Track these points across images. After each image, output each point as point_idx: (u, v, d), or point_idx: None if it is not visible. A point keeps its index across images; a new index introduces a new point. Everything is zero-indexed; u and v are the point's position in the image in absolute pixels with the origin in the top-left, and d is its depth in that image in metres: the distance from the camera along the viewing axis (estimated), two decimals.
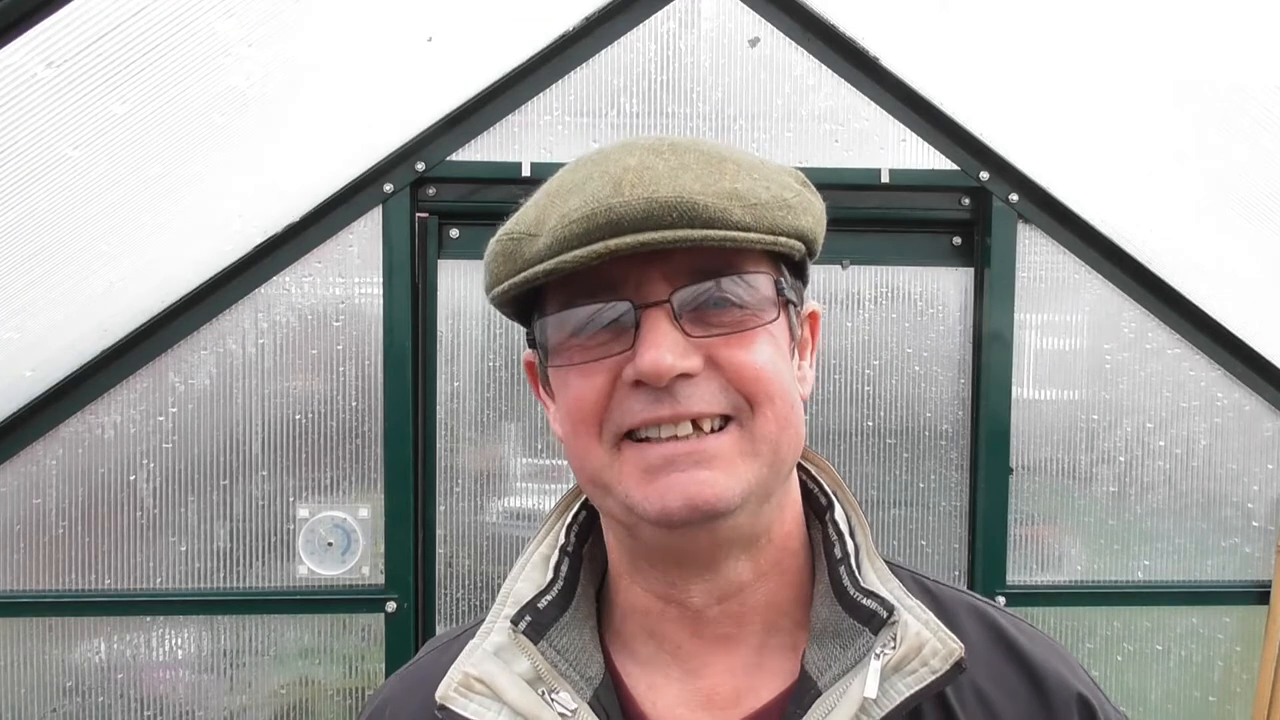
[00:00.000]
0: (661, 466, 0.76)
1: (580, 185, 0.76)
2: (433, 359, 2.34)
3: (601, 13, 2.26)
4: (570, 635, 0.84)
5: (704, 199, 0.73)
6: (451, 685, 0.83)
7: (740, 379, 0.77)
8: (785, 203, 0.79)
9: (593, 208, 0.73)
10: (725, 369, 0.77)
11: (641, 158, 0.77)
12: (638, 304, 0.76)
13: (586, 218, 0.73)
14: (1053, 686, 0.85)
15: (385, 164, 2.26)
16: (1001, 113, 2.31)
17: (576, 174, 0.79)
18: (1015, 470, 2.41)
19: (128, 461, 2.26)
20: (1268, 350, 2.44)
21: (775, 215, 0.77)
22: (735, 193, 0.75)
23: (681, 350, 0.75)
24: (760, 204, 0.76)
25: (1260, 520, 2.49)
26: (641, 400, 0.76)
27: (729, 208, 0.74)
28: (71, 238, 1.88)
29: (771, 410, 0.78)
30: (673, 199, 0.73)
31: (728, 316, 0.77)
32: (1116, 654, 2.46)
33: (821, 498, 0.90)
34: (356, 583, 2.30)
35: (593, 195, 0.74)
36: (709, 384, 0.76)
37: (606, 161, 0.78)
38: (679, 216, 0.72)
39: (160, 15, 1.53)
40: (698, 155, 0.78)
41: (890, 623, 0.80)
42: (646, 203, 0.72)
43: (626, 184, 0.74)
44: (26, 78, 1.47)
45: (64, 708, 2.25)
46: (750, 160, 0.81)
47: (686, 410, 0.76)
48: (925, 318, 2.42)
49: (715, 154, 0.79)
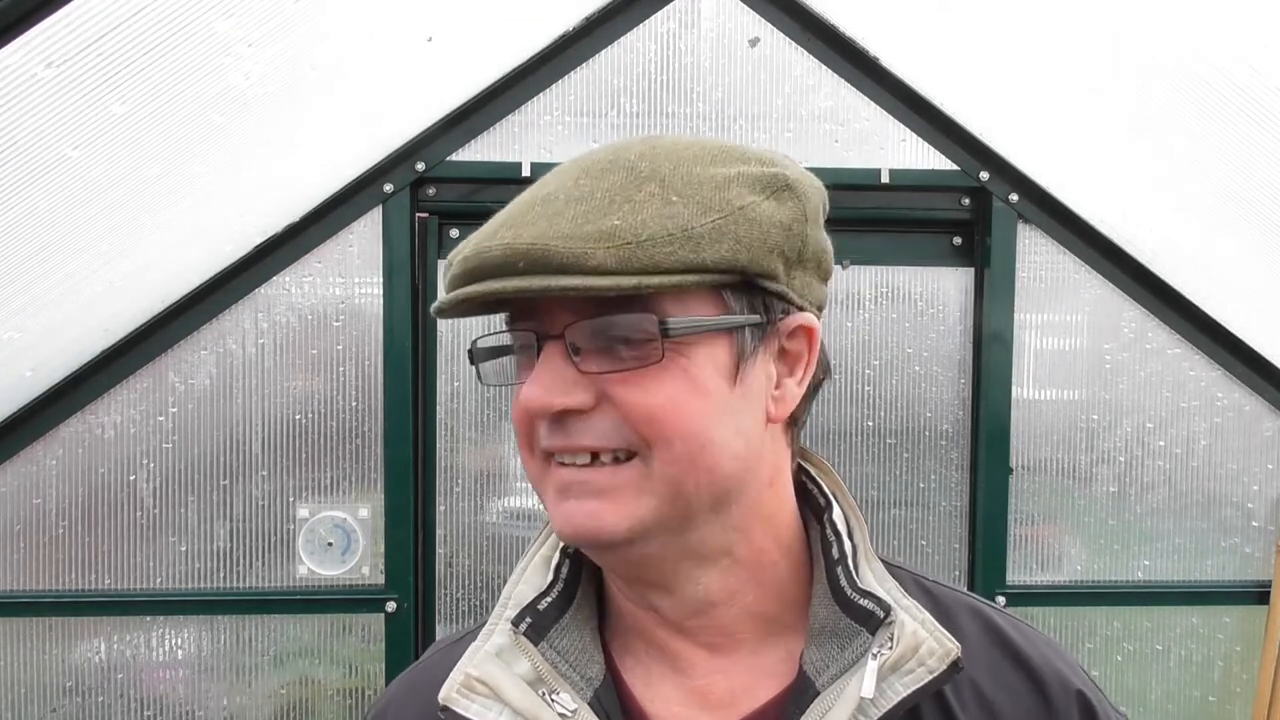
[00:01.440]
0: (564, 490, 0.78)
1: (501, 214, 0.79)
2: (433, 359, 2.34)
3: (601, 13, 2.26)
4: (570, 636, 0.84)
5: (560, 244, 0.72)
6: (454, 686, 0.83)
7: (633, 419, 0.76)
8: (687, 234, 0.74)
9: (474, 248, 0.76)
10: (620, 408, 0.76)
11: (558, 185, 0.78)
12: (541, 335, 0.78)
13: (464, 259, 0.76)
14: (1052, 685, 0.85)
15: (385, 164, 2.26)
16: (1001, 113, 2.31)
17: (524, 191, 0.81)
18: (1015, 470, 2.41)
19: (128, 461, 2.26)
20: (1268, 350, 2.44)
21: (659, 252, 0.73)
22: (610, 232, 0.73)
23: (564, 386, 0.76)
24: (637, 242, 0.73)
25: (1260, 520, 2.49)
26: (545, 427, 0.79)
27: (590, 251, 0.72)
28: (71, 238, 1.88)
29: (669, 453, 0.76)
30: (525, 246, 0.73)
31: (617, 355, 0.76)
32: (1116, 654, 2.46)
33: (820, 499, 0.89)
34: (356, 583, 2.30)
35: (483, 233, 0.77)
36: (603, 420, 0.77)
37: (542, 184, 0.80)
38: (529, 264, 0.73)
39: (160, 15, 1.53)
40: (621, 177, 0.76)
41: (887, 622, 0.80)
42: (505, 250, 0.74)
43: (506, 225, 0.76)
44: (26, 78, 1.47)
45: (64, 708, 2.25)
46: (691, 175, 0.77)
47: (578, 444, 0.77)
48: (925, 318, 2.42)
49: (646, 171, 0.77)
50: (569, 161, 0.82)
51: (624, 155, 0.79)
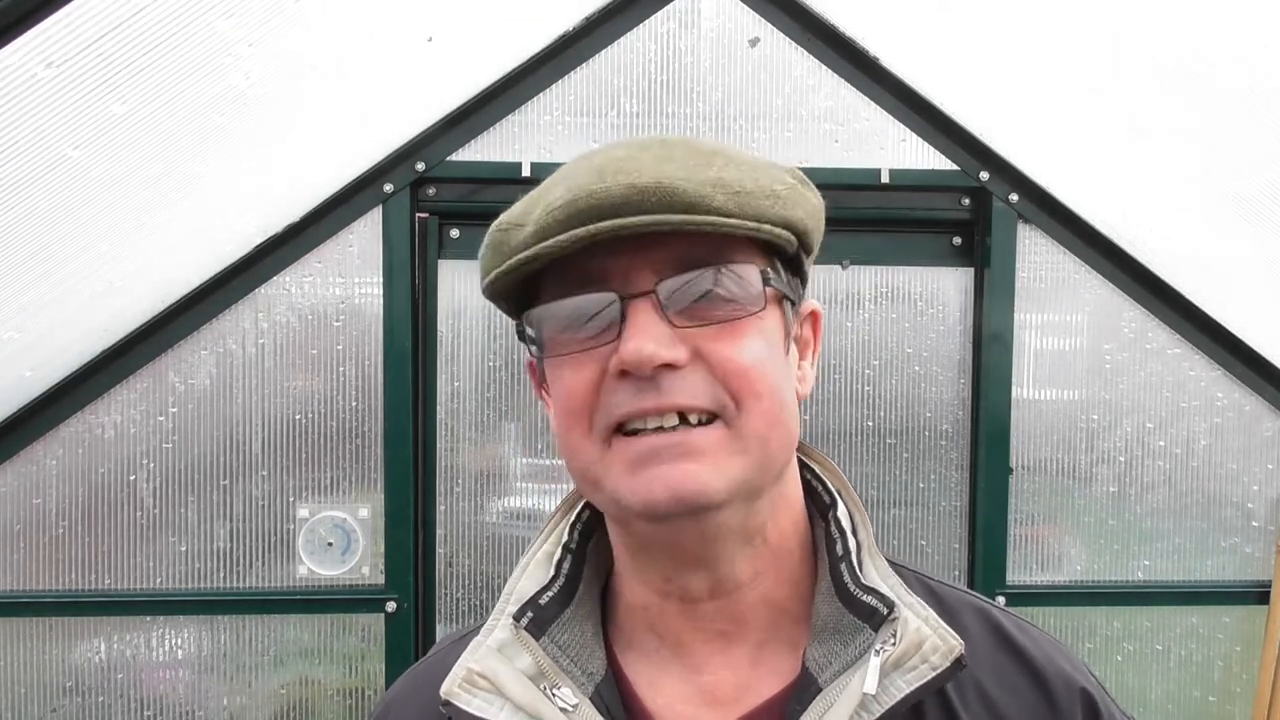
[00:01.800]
0: (647, 458, 0.76)
1: (567, 177, 0.77)
2: (433, 359, 2.34)
3: (601, 13, 2.26)
4: (572, 631, 0.84)
5: (685, 184, 0.74)
6: (455, 681, 0.83)
7: (726, 373, 0.76)
8: (774, 193, 0.78)
9: (574, 194, 0.74)
10: (712, 362, 0.76)
11: (629, 150, 0.77)
12: (624, 295, 0.76)
13: (568, 204, 0.74)
14: (1056, 683, 0.85)
15: (385, 164, 2.26)
16: (1001, 113, 2.31)
17: (567, 168, 0.80)
18: (1015, 470, 2.41)
19: (128, 461, 2.26)
20: (1268, 350, 2.44)
21: (761, 204, 0.77)
22: (720, 180, 0.75)
23: (666, 340, 0.75)
24: (745, 192, 0.76)
25: (1260, 520, 2.49)
26: (627, 391, 0.76)
27: (711, 194, 0.74)
28: (71, 238, 1.88)
29: (759, 407, 0.77)
30: (652, 184, 0.73)
31: (715, 309, 0.77)
32: (1116, 654, 2.46)
33: (825, 495, 0.89)
34: (356, 583, 2.30)
35: (576, 184, 0.75)
36: (694, 376, 0.76)
37: (594, 155, 0.79)
38: (658, 201, 0.73)
39: (160, 15, 1.53)
40: (686, 148, 0.78)
41: (890, 619, 0.80)
42: (626, 188, 0.73)
43: (609, 172, 0.74)
44: (26, 78, 1.47)
45: (64, 708, 2.25)
46: (741, 155, 0.81)
47: (671, 402, 0.75)
48: (925, 318, 2.42)
49: (705, 147, 0.80)
50: (608, 143, 0.82)
51: (666, 137, 0.81)
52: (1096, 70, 2.10)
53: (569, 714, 0.80)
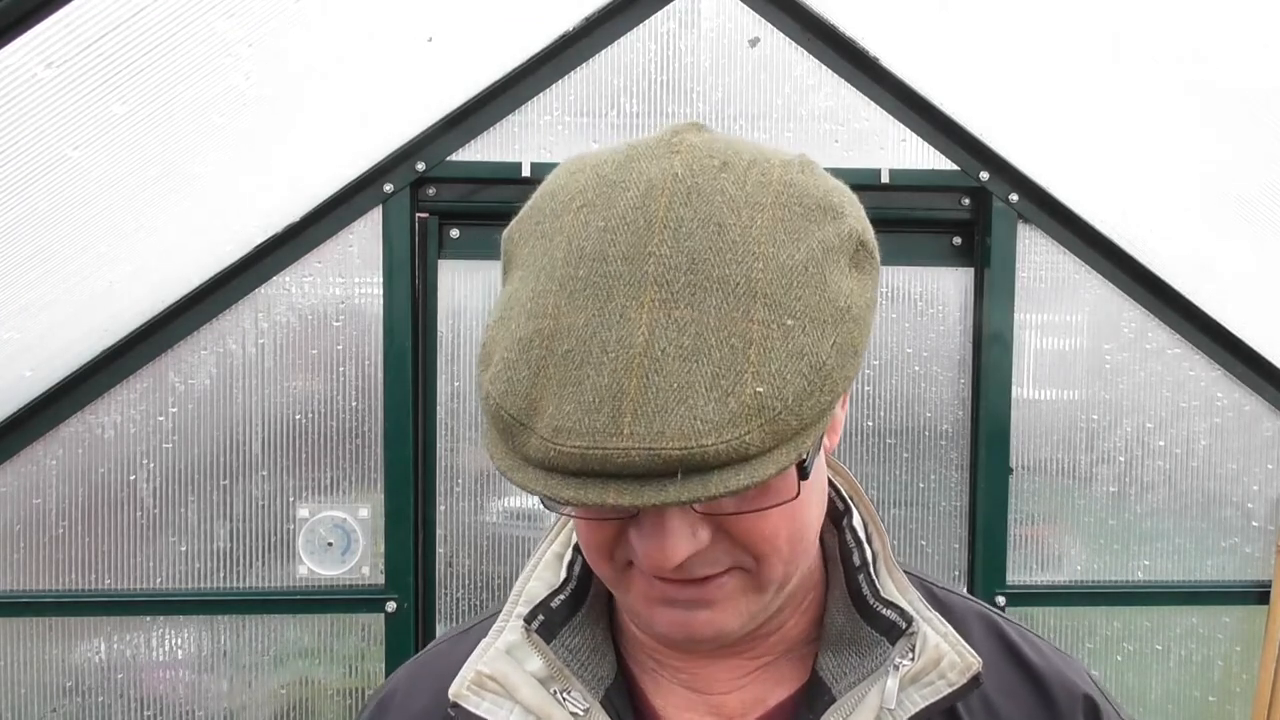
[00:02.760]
0: (666, 601, 0.74)
1: (577, 363, 0.64)
2: (433, 359, 2.34)
3: (601, 13, 2.26)
4: (583, 634, 0.84)
5: (715, 444, 0.62)
6: (464, 683, 0.82)
7: (750, 544, 0.71)
8: (822, 374, 0.65)
9: (587, 447, 0.62)
10: (734, 535, 0.71)
11: (652, 317, 0.64)
12: None
13: (581, 458, 0.63)
14: (1058, 693, 0.85)
15: (385, 164, 2.26)
16: (1001, 113, 2.31)
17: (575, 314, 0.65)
18: (1015, 470, 2.41)
19: (128, 461, 2.26)
20: (1268, 350, 2.44)
21: (804, 409, 0.64)
22: (757, 404, 0.62)
23: (689, 533, 0.69)
24: (786, 407, 0.63)
25: (1260, 520, 2.49)
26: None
27: (745, 441, 0.62)
28: (71, 238, 1.88)
29: (779, 559, 0.73)
30: (679, 455, 0.61)
31: (744, 503, 0.69)
32: (1116, 654, 2.46)
33: (839, 503, 0.88)
34: (356, 583, 2.30)
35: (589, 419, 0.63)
36: (716, 548, 0.71)
37: (611, 299, 0.65)
38: (686, 472, 0.62)
39: (160, 15, 1.53)
40: (719, 304, 0.64)
41: (909, 633, 0.80)
42: (648, 458, 0.62)
43: (628, 406, 0.62)
44: (26, 78, 1.48)
45: (64, 708, 2.25)
46: (783, 276, 0.66)
47: (692, 575, 0.71)
48: (925, 318, 2.42)
49: (738, 288, 0.65)
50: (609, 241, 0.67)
51: (690, 242, 0.66)
52: (1096, 70, 2.10)
53: (580, 718, 0.80)
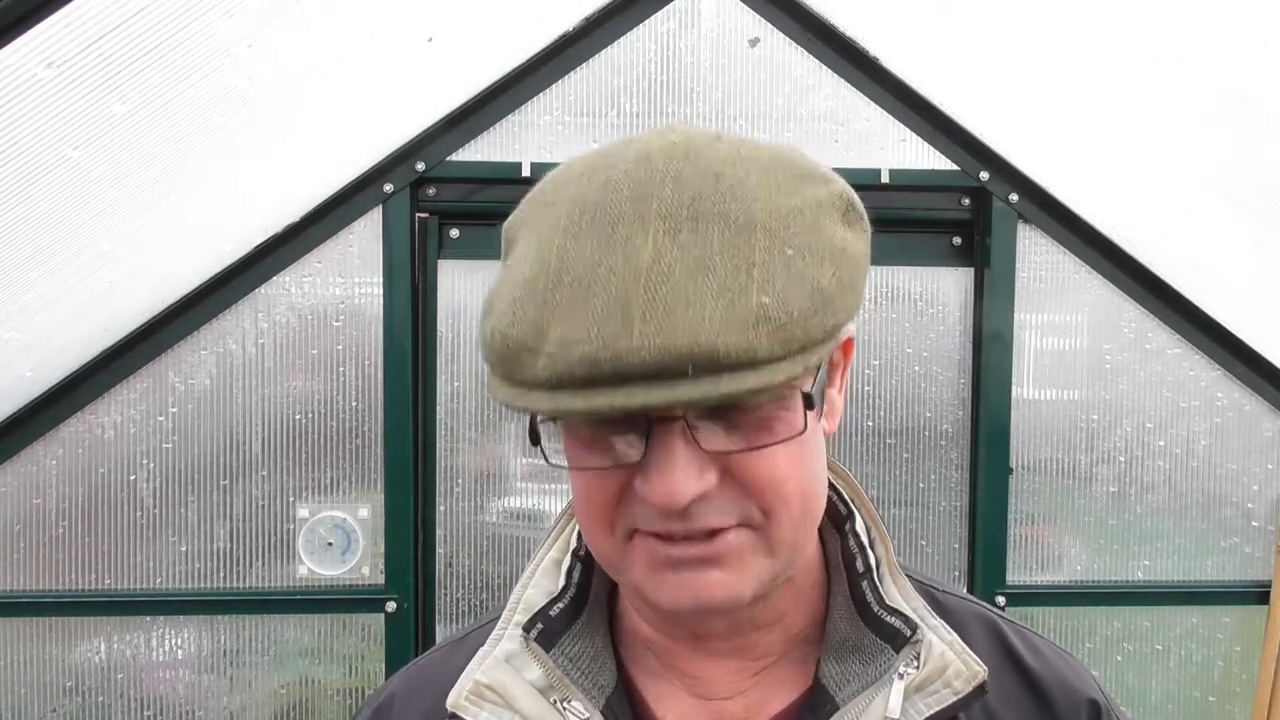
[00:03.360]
0: (673, 565, 0.72)
1: (585, 285, 0.66)
2: (433, 359, 2.34)
3: (601, 13, 2.26)
4: (583, 643, 0.82)
5: (725, 342, 0.63)
6: (463, 693, 0.81)
7: (756, 490, 0.71)
8: (820, 294, 0.67)
9: (597, 352, 0.64)
10: (741, 480, 0.71)
11: (657, 242, 0.65)
12: (651, 415, 0.68)
13: (591, 362, 0.64)
14: (1059, 699, 0.84)
15: (385, 164, 2.26)
16: (1001, 113, 2.31)
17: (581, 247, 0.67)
18: (1015, 470, 2.41)
19: (128, 461, 2.26)
20: (1268, 350, 2.44)
21: (810, 325, 0.66)
22: (763, 313, 0.64)
23: (695, 472, 0.68)
24: (791, 319, 0.65)
25: (1260, 520, 2.49)
26: (652, 512, 0.71)
27: (754, 344, 0.64)
28: (71, 238, 1.88)
29: (787, 514, 0.72)
30: (687, 349, 0.63)
31: (750, 434, 0.70)
32: (1116, 654, 2.46)
33: (841, 507, 0.87)
34: (356, 583, 2.30)
35: (598, 327, 0.64)
36: (723, 497, 0.71)
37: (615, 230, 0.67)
38: (696, 368, 0.63)
39: (160, 15, 1.53)
40: (721, 231, 0.66)
41: (913, 641, 0.79)
42: (659, 353, 0.63)
43: (637, 311, 0.63)
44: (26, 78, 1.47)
45: (64, 708, 2.25)
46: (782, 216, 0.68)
47: (700, 526, 0.70)
48: (925, 318, 2.42)
49: (737, 220, 0.67)
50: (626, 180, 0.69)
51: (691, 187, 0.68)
52: (1097, 70, 2.10)
53: None
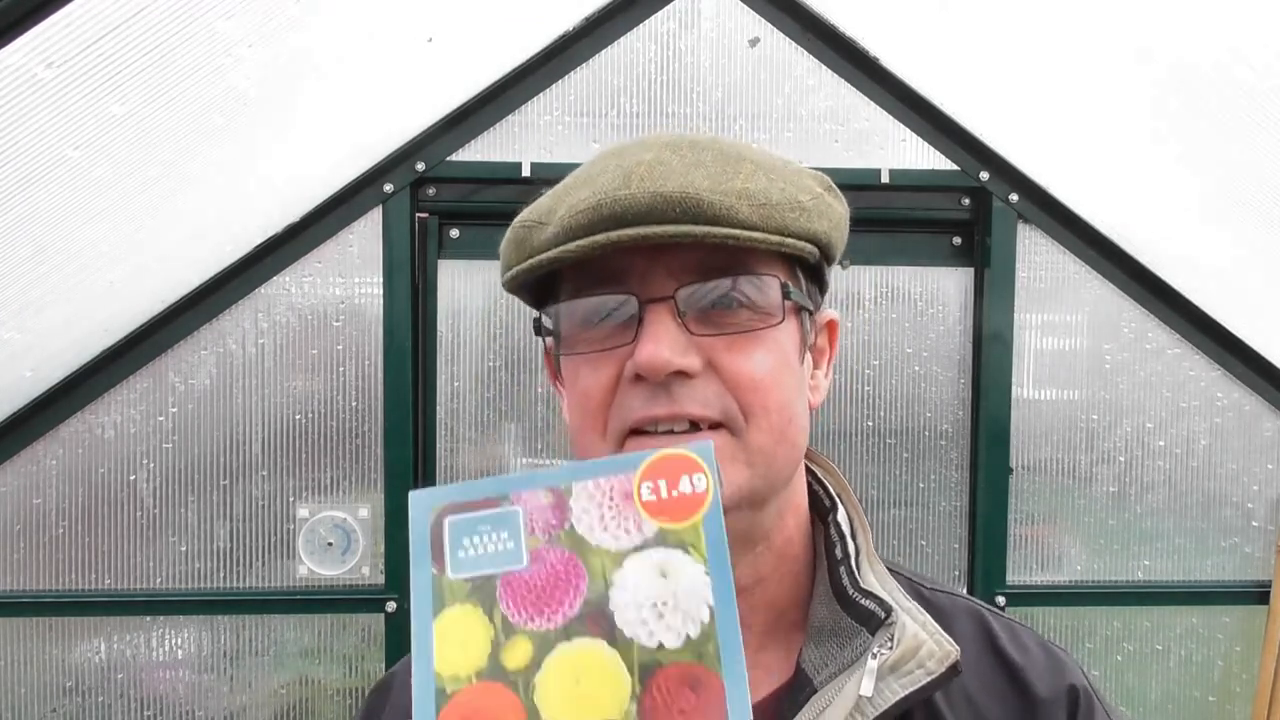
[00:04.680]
0: None
1: (593, 178, 0.77)
2: (433, 359, 2.34)
3: (601, 13, 2.26)
4: None
5: (710, 196, 0.74)
6: None
7: (738, 385, 0.76)
8: (799, 204, 0.78)
9: (599, 199, 0.74)
10: (724, 374, 0.76)
11: (657, 153, 0.77)
12: (642, 298, 0.76)
13: (593, 209, 0.74)
14: (1038, 687, 0.85)
15: (385, 164, 2.26)
16: (1001, 113, 2.31)
17: (593, 167, 0.80)
18: (1015, 470, 2.41)
19: (128, 461, 2.26)
20: (1268, 350, 2.44)
21: (786, 216, 0.77)
22: (745, 191, 0.75)
23: (680, 348, 0.75)
24: (770, 204, 0.76)
25: (1260, 520, 2.49)
26: (641, 396, 0.76)
27: (735, 205, 0.74)
28: (71, 238, 1.88)
29: (766, 422, 0.77)
30: (678, 194, 0.73)
31: (732, 318, 0.77)
32: (1116, 654, 2.46)
33: (825, 499, 0.90)
34: (356, 583, 2.30)
35: (602, 187, 0.75)
36: (706, 387, 0.76)
37: (623, 155, 0.79)
38: (683, 212, 0.73)
39: (160, 15, 1.53)
40: (715, 154, 0.79)
41: (888, 623, 0.80)
42: (651, 196, 0.73)
43: (636, 177, 0.75)
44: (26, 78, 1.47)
45: (64, 708, 2.25)
46: (770, 161, 0.81)
47: (683, 410, 0.76)
48: (925, 318, 2.42)
49: (734, 153, 0.80)
50: (635, 141, 0.82)
51: (694, 138, 0.81)
52: (1096, 70, 2.10)
53: None
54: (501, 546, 0.61)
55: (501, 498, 0.62)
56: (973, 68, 2.26)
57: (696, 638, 0.59)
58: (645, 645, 0.59)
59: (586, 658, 0.59)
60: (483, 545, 0.61)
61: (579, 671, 0.59)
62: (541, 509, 0.61)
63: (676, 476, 0.61)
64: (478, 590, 0.60)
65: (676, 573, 0.60)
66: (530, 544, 0.61)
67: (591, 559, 0.60)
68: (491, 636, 0.60)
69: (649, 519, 0.61)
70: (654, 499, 0.61)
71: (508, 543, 0.61)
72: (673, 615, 0.59)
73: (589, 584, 0.60)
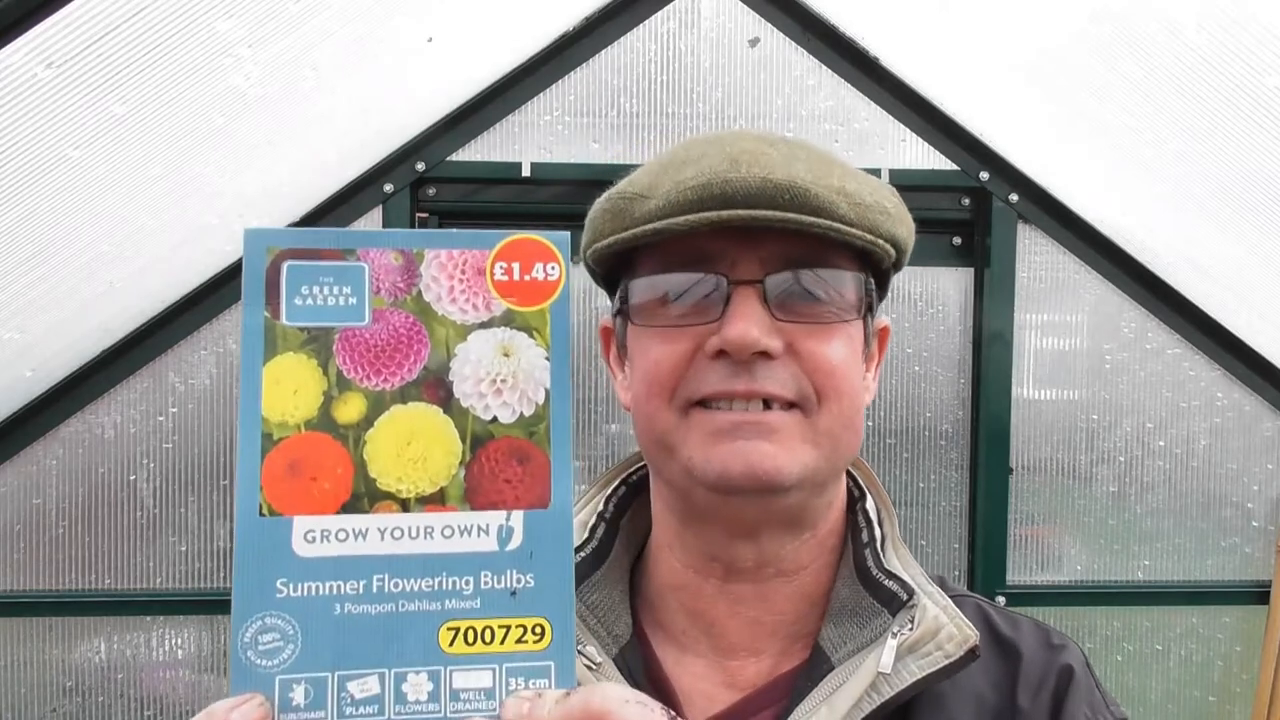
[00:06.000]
0: (728, 432, 0.78)
1: (696, 159, 0.80)
2: None
3: (601, 13, 2.26)
4: (602, 592, 0.87)
5: (815, 188, 0.77)
6: None
7: (815, 370, 0.79)
8: (885, 209, 0.82)
9: (709, 178, 0.77)
10: (803, 357, 0.79)
11: (756, 144, 0.80)
12: (731, 279, 0.79)
13: (702, 186, 0.77)
14: (1026, 661, 0.86)
15: (385, 164, 2.26)
16: (1001, 113, 2.31)
17: (691, 150, 0.82)
18: (1015, 470, 2.41)
19: (128, 461, 2.26)
20: (1268, 350, 2.44)
21: (876, 218, 0.80)
22: (843, 189, 0.79)
23: (766, 329, 0.78)
24: (864, 205, 0.80)
25: (1260, 520, 2.49)
26: (719, 372, 0.78)
27: (836, 201, 0.77)
28: (72, 238, 1.88)
29: (837, 406, 0.80)
30: (786, 182, 0.76)
31: (813, 308, 0.80)
32: (1116, 654, 2.46)
33: (855, 489, 0.92)
34: None
35: (709, 168, 0.78)
36: (785, 369, 0.79)
37: (721, 143, 0.81)
38: (790, 200, 0.76)
39: (160, 15, 1.53)
40: (809, 152, 0.82)
41: (909, 605, 0.82)
42: (762, 181, 0.76)
43: (743, 163, 0.77)
44: (26, 78, 1.47)
45: (64, 708, 2.25)
46: (853, 168, 0.85)
47: (761, 388, 0.78)
48: (925, 318, 2.42)
49: (824, 154, 0.83)
50: (725, 132, 0.85)
51: (785, 136, 0.85)
52: (1096, 70, 2.10)
53: (592, 671, 0.82)
54: (344, 301, 0.60)
55: (347, 251, 0.60)
56: (973, 68, 2.26)
57: (530, 416, 0.61)
58: (480, 417, 0.60)
59: (421, 420, 0.60)
60: (323, 296, 0.60)
61: (412, 433, 0.60)
62: (390, 269, 0.61)
63: (531, 262, 0.62)
64: (314, 340, 0.60)
65: (519, 353, 0.61)
66: (375, 303, 0.60)
67: (436, 328, 0.61)
68: (324, 389, 0.59)
69: (499, 298, 0.61)
70: (506, 279, 0.61)
71: (350, 298, 0.60)
72: (510, 393, 0.61)
73: (430, 352, 0.60)
